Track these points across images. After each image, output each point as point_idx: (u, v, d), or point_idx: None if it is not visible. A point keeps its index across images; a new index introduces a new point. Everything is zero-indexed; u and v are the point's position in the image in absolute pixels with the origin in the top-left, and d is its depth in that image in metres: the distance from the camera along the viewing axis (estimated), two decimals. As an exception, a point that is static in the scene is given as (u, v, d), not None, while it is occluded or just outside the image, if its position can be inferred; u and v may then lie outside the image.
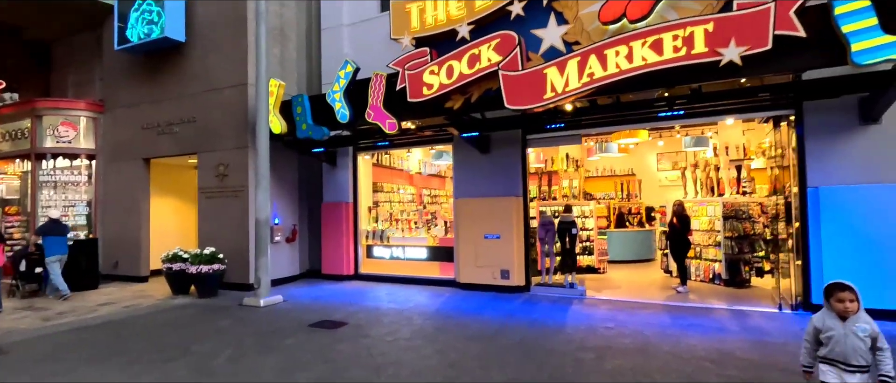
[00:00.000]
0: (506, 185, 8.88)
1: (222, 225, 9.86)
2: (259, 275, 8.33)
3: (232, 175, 9.81)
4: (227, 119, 9.95)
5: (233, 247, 9.62)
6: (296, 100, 8.93)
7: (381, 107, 7.91)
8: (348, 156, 10.72)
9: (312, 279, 10.89)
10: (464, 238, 9.16)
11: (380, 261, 10.56)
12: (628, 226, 13.29)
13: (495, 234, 8.83)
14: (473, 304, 7.82)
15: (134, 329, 6.87)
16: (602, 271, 10.58)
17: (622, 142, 12.63)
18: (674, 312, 7.00)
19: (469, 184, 9.24)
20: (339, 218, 10.64)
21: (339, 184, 10.77)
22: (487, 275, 8.88)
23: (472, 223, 9.08)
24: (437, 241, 9.96)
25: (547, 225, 8.92)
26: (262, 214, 8.41)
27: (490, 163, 9.05)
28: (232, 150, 9.85)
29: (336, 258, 10.64)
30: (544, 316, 6.96)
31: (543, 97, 6.44)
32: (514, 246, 8.71)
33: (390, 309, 7.62)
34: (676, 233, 8.71)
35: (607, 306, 7.49)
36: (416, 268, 10.09)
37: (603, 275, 10.31)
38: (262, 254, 8.38)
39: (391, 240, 10.51)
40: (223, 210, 9.88)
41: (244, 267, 9.53)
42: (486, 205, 8.96)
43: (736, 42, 5.37)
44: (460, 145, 9.33)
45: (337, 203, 10.72)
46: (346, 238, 10.60)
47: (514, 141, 8.83)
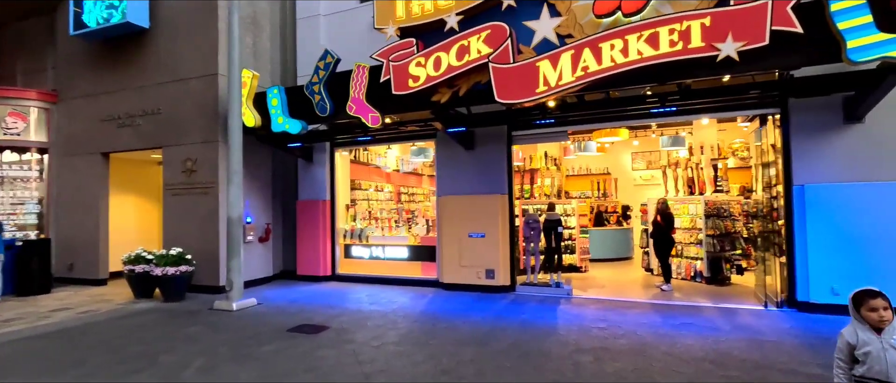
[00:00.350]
0: (491, 183, 8.66)
1: (190, 224, 9.27)
2: (231, 277, 7.84)
3: (200, 171, 9.24)
4: (196, 111, 9.37)
5: (201, 248, 9.06)
6: (271, 92, 8.45)
7: (364, 99, 7.55)
8: (325, 152, 10.28)
9: (287, 280, 10.41)
10: (447, 237, 8.89)
11: (358, 261, 10.17)
12: (606, 224, 13.31)
13: (480, 233, 8.60)
14: (459, 305, 7.56)
15: (93, 337, 6.30)
16: (584, 270, 10.51)
17: (602, 140, 12.63)
18: (662, 311, 6.93)
19: (452, 181, 8.98)
20: (315, 216, 10.20)
21: (316, 181, 10.32)
22: (472, 274, 8.64)
23: (455, 221, 8.82)
24: (419, 240, 9.66)
25: (532, 223, 8.74)
26: (235, 212, 7.92)
27: (474, 159, 8.81)
28: (200, 144, 9.27)
29: (312, 258, 10.19)
30: (534, 316, 6.77)
31: (536, 91, 6.23)
32: (499, 245, 8.49)
33: (373, 312, 7.28)
34: (660, 231, 8.69)
35: (596, 306, 7.36)
36: (396, 268, 9.75)
37: (586, 274, 10.23)
38: (234, 254, 7.88)
39: (371, 240, 10.14)
40: (191, 208, 9.29)
41: (214, 268, 8.99)
42: (470, 202, 8.72)
43: (733, 37, 5.29)
44: (444, 141, 9.05)
45: (313, 201, 10.27)
46: (323, 237, 10.16)
47: (499, 137, 8.62)
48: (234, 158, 7.94)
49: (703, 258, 9.02)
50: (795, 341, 5.40)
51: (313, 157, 10.36)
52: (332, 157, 10.36)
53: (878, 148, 6.36)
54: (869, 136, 6.41)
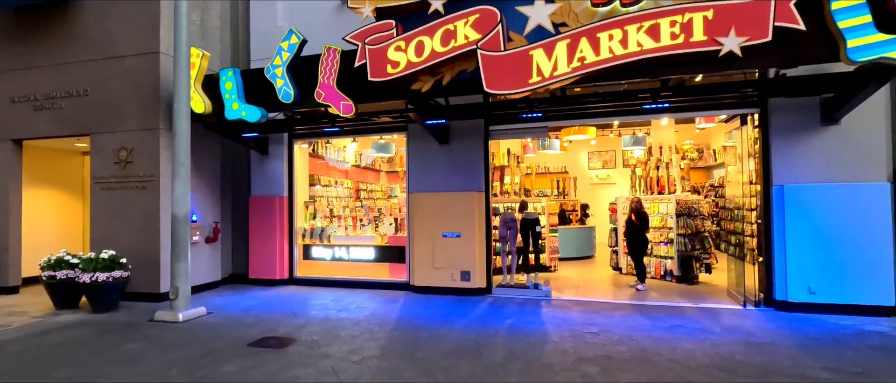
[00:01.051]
0: (466, 179, 8.19)
1: (124, 222, 8.11)
2: (176, 284, 6.86)
3: (138, 161, 8.10)
4: (132, 94, 8.20)
5: (138, 250, 7.95)
6: (224, 75, 7.51)
7: (335, 86, 6.84)
8: (282, 144, 9.39)
9: (238, 285, 9.43)
10: (419, 236, 8.34)
11: (319, 263, 9.39)
12: (569, 223, 13.25)
13: (455, 232, 8.11)
14: (437, 311, 7.04)
15: (4, 359, 5.21)
16: (553, 269, 10.31)
17: (569, 138, 12.50)
18: (647, 312, 6.77)
19: (425, 177, 8.43)
20: (271, 214, 9.29)
21: (272, 176, 9.41)
22: (446, 276, 8.14)
23: (428, 220, 8.28)
24: (387, 240, 9.03)
25: (509, 222, 8.38)
26: (181, 209, 6.95)
27: (449, 154, 8.30)
28: (138, 132, 8.13)
29: (267, 260, 9.29)
30: (520, 322, 6.38)
31: (528, 81, 5.82)
32: (475, 245, 8.05)
33: (344, 320, 6.60)
34: (635, 230, 8.60)
35: (579, 308, 7.10)
36: (362, 270, 9.07)
37: (555, 274, 10.03)
38: (180, 257, 6.91)
39: (333, 240, 9.38)
40: (126, 204, 8.13)
41: (153, 273, 7.91)
42: (444, 200, 8.21)
43: (736, 31, 5.13)
44: (416, 135, 8.48)
45: (268, 197, 9.36)
46: (280, 237, 9.29)
47: (475, 131, 8.17)
48: (181, 148, 6.96)
49: (674, 257, 9.05)
50: (789, 342, 5.35)
51: (269, 149, 9.44)
52: (291, 150, 9.49)
53: (853, 150, 6.50)
54: (845, 139, 6.54)
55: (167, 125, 8.10)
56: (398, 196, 10.21)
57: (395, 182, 15.66)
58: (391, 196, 15.31)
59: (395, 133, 8.90)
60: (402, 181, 15.70)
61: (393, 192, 15.50)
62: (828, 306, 6.45)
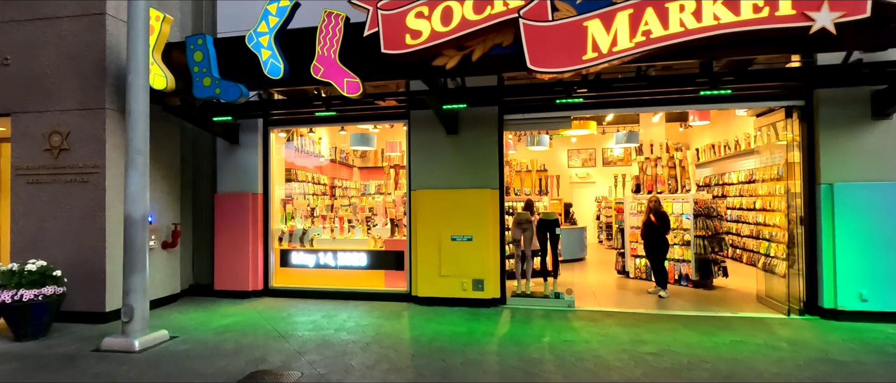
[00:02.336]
0: (478, 175, 7.20)
1: (58, 224, 6.51)
2: (130, 303, 5.44)
3: (76, 149, 6.52)
4: (69, 65, 6.61)
5: (77, 259, 6.39)
6: (193, 44, 6.10)
7: (337, 60, 5.64)
8: (256, 132, 8.01)
9: (201, 298, 7.96)
10: (423, 240, 7.26)
11: (300, 272, 8.09)
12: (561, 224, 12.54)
13: (466, 236, 7.10)
14: (453, 327, 6.01)
15: None
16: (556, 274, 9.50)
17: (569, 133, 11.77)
18: (691, 325, 6.05)
19: (430, 172, 7.35)
20: (242, 214, 7.90)
21: (244, 169, 8.01)
22: (455, 286, 7.12)
23: (433, 221, 7.22)
24: (382, 244, 7.88)
25: (524, 224, 7.47)
26: (137, 208, 5.52)
27: (458, 146, 7.27)
28: (76, 112, 6.55)
29: (237, 268, 7.89)
30: (559, 340, 5.47)
31: (582, 58, 4.91)
32: (489, 249, 7.08)
33: (347, 343, 5.44)
34: (655, 232, 7.93)
35: (612, 321, 6.29)
36: (352, 278, 7.87)
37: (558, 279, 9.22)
38: (136, 268, 5.48)
39: (317, 244, 8.11)
40: (60, 202, 6.53)
41: (97, 287, 6.38)
42: (452, 198, 7.18)
43: (830, 5, 4.45)
44: (420, 123, 7.39)
45: (239, 194, 7.96)
46: (253, 241, 7.91)
47: (488, 120, 7.19)
48: (138, 132, 5.53)
49: (691, 260, 8.48)
50: (874, 360, 4.75)
51: (240, 138, 8.03)
52: (267, 139, 8.13)
53: (906, 146, 6.07)
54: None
55: (116, 104, 6.58)
56: (394, 194, 9.06)
57: (369, 179, 14.42)
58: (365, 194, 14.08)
59: (395, 121, 7.76)
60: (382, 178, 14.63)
61: (367, 190, 14.27)
62: (880, 314, 5.98)
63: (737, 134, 11.72)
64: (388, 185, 10.66)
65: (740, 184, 11.43)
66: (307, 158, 10.83)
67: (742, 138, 11.43)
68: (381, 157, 14.49)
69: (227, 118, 7.09)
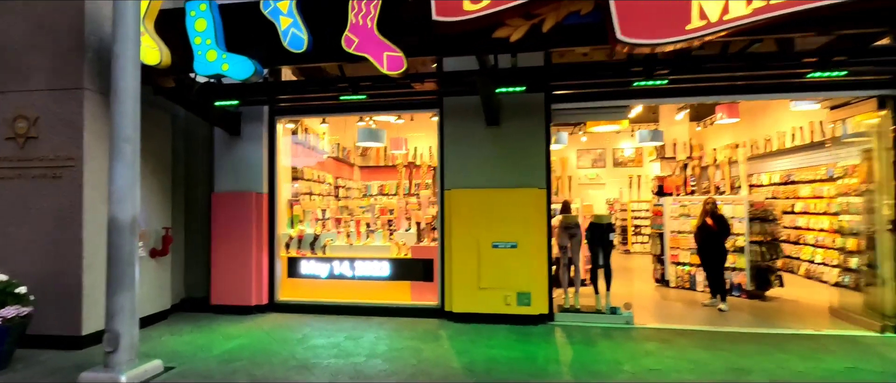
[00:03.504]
0: (523, 172, 6.28)
1: (24, 229, 5.36)
2: (116, 328, 4.34)
3: (46, 137, 5.38)
4: (37, 35, 5.47)
5: (46, 271, 5.26)
6: (194, 10, 5.02)
7: (375, 30, 4.65)
8: (261, 122, 6.95)
9: (195, 314, 6.84)
10: (459, 246, 6.30)
11: (311, 283, 7.04)
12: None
13: (510, 242, 6.17)
14: (507, 352, 5.07)
15: None
16: (587, 283, 8.64)
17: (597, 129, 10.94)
18: (783, 346, 5.22)
19: (467, 168, 6.40)
20: (244, 217, 6.82)
21: (247, 165, 6.94)
22: (497, 300, 6.17)
23: (471, 225, 6.27)
24: (407, 252, 6.89)
25: (571, 228, 6.57)
26: (125, 210, 4.43)
27: (499, 139, 6.34)
28: (46, 93, 5.41)
29: (238, 279, 6.80)
30: (640, 368, 4.57)
31: (686, 28, 4.03)
32: (536, 258, 6.16)
33: (387, 376, 4.44)
34: (712, 237, 7.11)
35: (687, 341, 5.42)
36: (372, 291, 6.86)
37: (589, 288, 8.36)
38: (123, 285, 4.39)
39: (330, 250, 7.08)
40: (25, 201, 5.38)
41: (71, 306, 5.24)
42: (493, 199, 6.24)
43: None
44: (455, 113, 6.43)
45: (241, 193, 6.88)
46: (257, 248, 6.84)
47: (534, 109, 6.27)
48: (126, 116, 4.45)
49: (745, 268, 7.69)
50: None
51: (242, 129, 6.95)
52: (273, 130, 7.07)
53: None
54: None
55: (96, 84, 5.46)
56: (421, 194, 8.06)
57: (371, 178, 13.39)
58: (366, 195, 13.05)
59: (425, 110, 6.78)
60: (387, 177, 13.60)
61: (368, 190, 13.24)
62: None
63: (768, 132, 11.06)
64: (402, 186, 9.66)
65: (773, 185, 10.79)
66: (310, 155, 9.75)
67: (775, 136, 10.78)
68: (384, 156, 13.51)
69: (232, 103, 6.01)
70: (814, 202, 9.22)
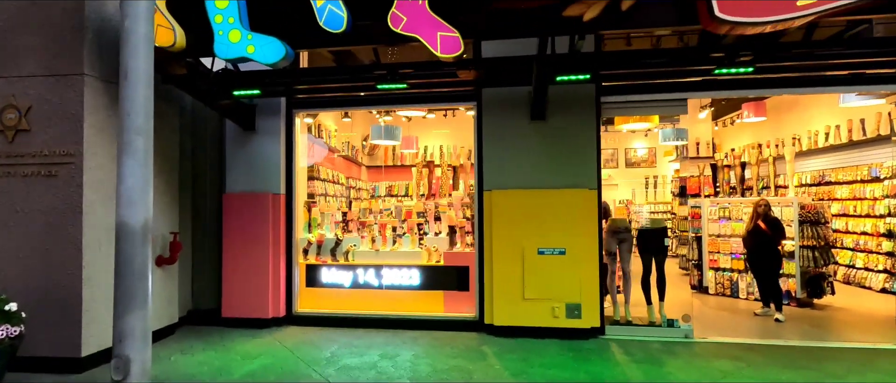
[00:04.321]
0: (571, 170, 5.71)
1: (12, 235, 4.68)
2: (124, 353, 3.65)
3: (40, 130, 4.70)
4: (29, 14, 4.78)
5: (39, 284, 4.58)
6: (213, -17, 4.39)
7: (427, 6, 4.05)
8: (279, 115, 6.31)
9: (204, 328, 6.17)
10: (500, 253, 5.72)
11: (333, 293, 6.41)
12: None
13: (557, 248, 5.60)
14: (568, 373, 4.50)
15: None
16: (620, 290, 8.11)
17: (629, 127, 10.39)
18: (869, 363, 4.72)
19: (508, 167, 5.82)
20: (259, 220, 6.17)
21: (262, 163, 6.29)
22: (544, 311, 5.60)
23: (514, 229, 5.69)
24: (440, 258, 6.29)
25: (621, 232, 6.02)
26: (136, 213, 3.75)
27: (544, 135, 5.77)
28: (40, 80, 4.72)
29: (253, 289, 6.15)
30: (730, 394, 4.03)
31: (798, 3, 3.49)
32: (586, 265, 5.60)
33: (445, 406, 3.85)
34: (766, 242, 6.61)
35: (762, 358, 4.89)
36: (400, 301, 6.25)
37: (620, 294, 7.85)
38: (135, 302, 3.71)
39: (354, 257, 6.45)
40: (15, 202, 4.70)
41: (69, 323, 4.56)
42: (539, 201, 5.68)
43: None
44: (495, 106, 5.85)
45: (256, 194, 6.23)
46: (274, 254, 6.19)
47: (583, 102, 5.71)
48: (137, 103, 3.77)
49: (796, 275, 7.21)
50: None
51: (256, 123, 6.30)
52: (291, 124, 6.43)
53: None
54: None
55: (98, 69, 4.79)
56: (453, 195, 7.44)
57: (378, 179, 12.76)
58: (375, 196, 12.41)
59: (460, 102, 6.20)
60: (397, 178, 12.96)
61: (375, 191, 12.60)
62: None
63: (795, 130, 10.62)
64: (421, 186, 9.06)
65: (803, 186, 10.37)
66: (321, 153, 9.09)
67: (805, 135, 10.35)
68: (392, 155, 12.89)
69: (253, 92, 5.34)
70: (854, 204, 8.79)
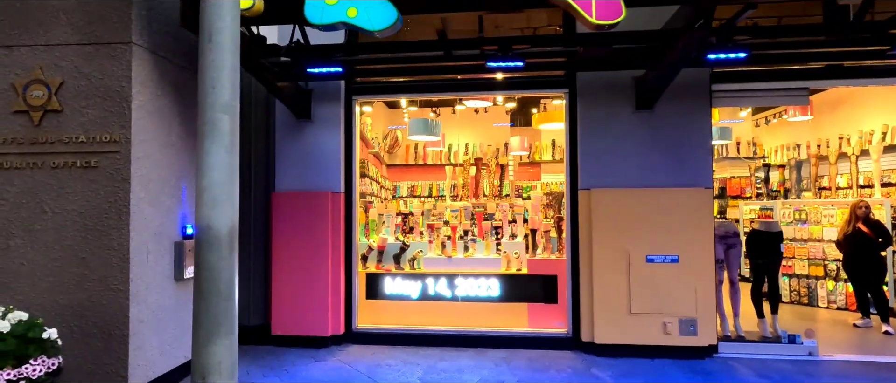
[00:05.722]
0: (682, 167, 5.05)
1: (38, 240, 3.75)
2: (208, 393, 2.84)
3: (74, 111, 3.79)
4: (62, -32, 3.88)
5: (72, 301, 3.69)
6: (305, -70, 3.57)
7: (577, -39, 3.32)
8: (338, 102, 5.48)
9: (253, 347, 5.30)
10: (602, 260, 5.01)
11: (398, 306, 5.61)
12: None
13: (670, 255, 4.92)
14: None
15: None
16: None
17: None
18: None
19: (610, 164, 5.11)
20: (316, 223, 5.34)
21: (319, 157, 5.46)
22: (653, 328, 4.91)
23: (617, 234, 5.00)
24: (523, 266, 5.55)
25: (729, 237, 5.37)
26: (221, 214, 2.94)
27: (651, 127, 5.09)
28: (75, 49, 3.82)
29: (309, 302, 5.31)
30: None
31: None
32: (702, 275, 4.93)
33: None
34: (867, 246, 6.06)
35: (918, 381, 4.31)
36: (477, 315, 5.49)
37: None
38: (222, 329, 2.89)
39: (422, 265, 5.67)
40: (42, 200, 3.78)
41: (112, 351, 3.68)
42: (647, 201, 4.99)
43: None
44: (591, 93, 5.15)
45: (312, 193, 5.40)
46: (333, 262, 5.36)
47: (694, 90, 5.05)
48: (223, 73, 2.96)
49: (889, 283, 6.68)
50: None
51: (312, 111, 5.47)
52: (350, 113, 5.61)
53: None
54: None
55: (146, 38, 3.93)
56: (532, 196, 6.67)
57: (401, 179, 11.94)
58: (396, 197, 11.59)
59: (549, 90, 5.47)
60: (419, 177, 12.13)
61: (397, 192, 11.78)
62: None
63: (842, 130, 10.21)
64: (470, 187, 8.29)
65: (845, 189, 9.96)
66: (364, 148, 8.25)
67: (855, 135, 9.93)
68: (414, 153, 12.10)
69: (334, 69, 4.50)
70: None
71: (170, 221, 4.20)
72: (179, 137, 4.35)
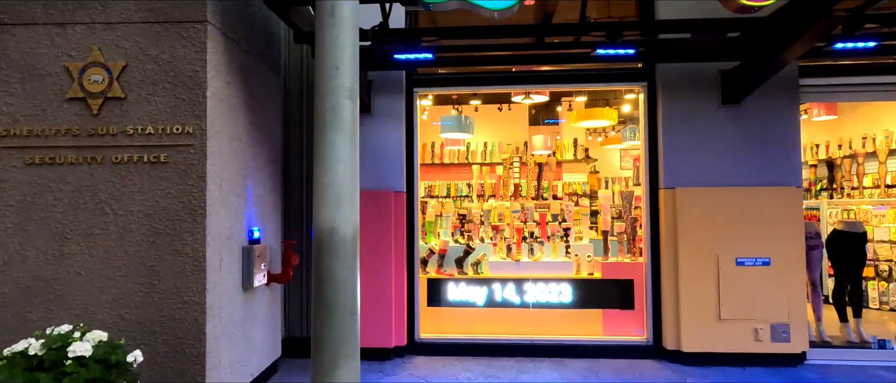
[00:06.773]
0: (771, 165, 4.79)
1: (98, 246, 3.27)
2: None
3: (139, 99, 3.32)
4: (124, -64, 3.41)
5: (140, 318, 3.23)
6: None
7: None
8: (400, 94, 5.09)
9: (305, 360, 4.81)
10: (688, 263, 4.73)
11: (462, 314, 5.24)
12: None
13: (761, 258, 4.67)
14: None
15: None
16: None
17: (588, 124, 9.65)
18: None
19: (696, 161, 4.83)
20: (377, 225, 4.95)
21: (379, 153, 5.06)
22: (744, 334, 4.65)
23: (703, 235, 4.72)
24: (596, 269, 5.24)
25: (811, 238, 5.14)
26: (344, 216, 2.60)
27: (738, 122, 4.83)
28: (139, 27, 3.35)
29: (369, 312, 4.88)
30: None
31: None
32: (793, 278, 4.69)
33: None
34: (934, 247, 5.94)
35: None
36: (548, 322, 5.15)
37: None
38: (349, 349, 2.54)
39: (488, 269, 5.31)
40: (101, 201, 3.30)
41: (186, 369, 3.23)
42: (737, 201, 4.73)
43: None
44: (674, 87, 4.87)
45: (372, 192, 5.00)
46: (396, 267, 4.97)
47: (784, 84, 4.80)
48: (346, 56, 2.59)
49: (947, 283, 6.59)
50: None
51: (372, 104, 5.06)
52: (411, 106, 5.23)
53: None
54: None
55: (221, 18, 3.49)
56: (602, 193, 6.35)
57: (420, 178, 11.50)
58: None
59: (621, 83, 5.18)
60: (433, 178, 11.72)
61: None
62: None
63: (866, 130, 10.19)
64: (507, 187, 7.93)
65: (871, 189, 9.95)
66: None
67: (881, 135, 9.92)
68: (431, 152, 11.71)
69: (424, 56, 4.10)
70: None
71: (238, 224, 3.75)
72: (245, 130, 3.91)
